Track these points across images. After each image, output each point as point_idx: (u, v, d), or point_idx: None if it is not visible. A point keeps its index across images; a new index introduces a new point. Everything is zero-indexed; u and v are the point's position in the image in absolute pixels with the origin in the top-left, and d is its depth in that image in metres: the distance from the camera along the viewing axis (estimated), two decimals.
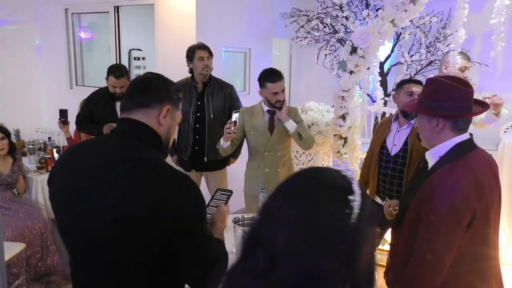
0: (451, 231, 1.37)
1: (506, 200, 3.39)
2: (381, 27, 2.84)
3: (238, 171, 4.34)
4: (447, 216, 1.35)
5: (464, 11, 2.86)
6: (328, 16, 4.50)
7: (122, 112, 1.30)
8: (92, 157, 1.22)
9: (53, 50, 4.77)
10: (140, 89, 1.30)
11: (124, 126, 1.28)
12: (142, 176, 1.15)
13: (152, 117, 1.26)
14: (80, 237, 1.19)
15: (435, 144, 1.52)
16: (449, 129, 1.48)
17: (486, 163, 1.50)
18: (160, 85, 1.30)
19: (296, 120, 2.84)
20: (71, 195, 1.19)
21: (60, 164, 1.29)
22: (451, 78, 1.53)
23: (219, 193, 1.61)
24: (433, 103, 1.48)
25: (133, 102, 1.27)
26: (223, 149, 2.77)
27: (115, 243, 1.14)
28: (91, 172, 1.18)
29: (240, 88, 4.60)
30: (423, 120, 1.53)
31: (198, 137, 3.18)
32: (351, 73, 3.08)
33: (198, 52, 3.11)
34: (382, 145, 2.55)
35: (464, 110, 1.47)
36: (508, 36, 3.42)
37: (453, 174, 1.41)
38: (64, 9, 4.60)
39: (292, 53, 5.42)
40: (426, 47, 4.33)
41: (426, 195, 1.43)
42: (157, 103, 1.27)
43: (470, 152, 1.47)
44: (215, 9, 3.96)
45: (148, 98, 1.27)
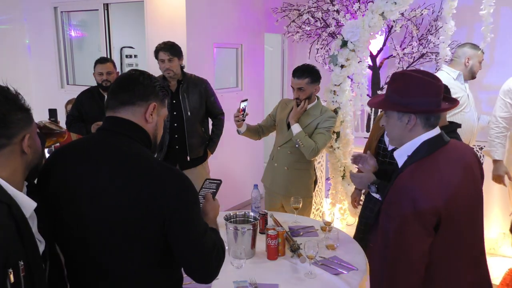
0: (417, 235, 1.31)
1: (498, 191, 3.41)
2: (371, 20, 2.83)
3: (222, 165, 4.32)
4: (412, 219, 1.30)
5: (453, 3, 2.86)
6: (319, 10, 4.49)
7: (107, 110, 1.28)
8: (82, 159, 1.22)
9: (43, 49, 4.73)
10: (124, 87, 1.27)
11: (109, 125, 1.26)
12: (134, 172, 1.15)
13: (139, 115, 1.25)
14: (78, 238, 1.19)
15: (405, 142, 1.44)
16: (421, 125, 1.40)
17: (456, 159, 1.41)
18: (145, 82, 1.28)
19: (320, 125, 2.65)
20: (66, 198, 1.19)
21: (48, 167, 1.27)
22: (420, 72, 1.44)
23: (208, 182, 1.60)
24: (404, 99, 1.39)
25: (118, 101, 1.25)
26: (242, 133, 2.81)
27: (115, 241, 1.16)
28: (84, 174, 1.18)
29: (232, 84, 4.58)
30: (393, 118, 1.44)
31: (178, 136, 3.14)
32: (342, 67, 3.08)
33: (160, 54, 3.01)
34: (380, 139, 2.54)
35: (436, 105, 1.39)
36: (499, 28, 3.43)
37: (416, 176, 1.34)
38: (53, 7, 4.56)
39: (284, 48, 5.40)
40: (418, 39, 4.32)
41: (392, 199, 1.37)
42: (142, 100, 1.26)
43: (439, 149, 1.39)
44: (206, 5, 3.94)
45: (133, 96, 1.25)
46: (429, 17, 4.31)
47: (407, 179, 1.35)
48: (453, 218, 1.34)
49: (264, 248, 2.06)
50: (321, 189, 3.60)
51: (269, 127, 2.92)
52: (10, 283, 0.93)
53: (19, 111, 1.08)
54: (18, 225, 0.99)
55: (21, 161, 1.09)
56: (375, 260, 1.57)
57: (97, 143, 1.25)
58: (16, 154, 1.08)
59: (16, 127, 1.06)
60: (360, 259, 2.02)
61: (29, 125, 1.11)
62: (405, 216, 1.30)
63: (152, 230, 1.15)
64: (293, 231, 2.30)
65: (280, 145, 2.77)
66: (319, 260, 1.98)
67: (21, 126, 1.07)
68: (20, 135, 1.07)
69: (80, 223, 1.17)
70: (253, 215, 2.20)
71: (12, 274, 0.94)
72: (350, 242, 2.23)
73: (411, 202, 1.29)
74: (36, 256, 1.04)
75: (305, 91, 2.61)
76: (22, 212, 1.02)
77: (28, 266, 0.99)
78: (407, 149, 1.43)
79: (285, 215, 2.59)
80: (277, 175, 2.80)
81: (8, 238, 0.95)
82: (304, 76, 2.59)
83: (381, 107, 1.52)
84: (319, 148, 2.62)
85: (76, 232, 1.19)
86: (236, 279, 1.80)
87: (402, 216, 1.31)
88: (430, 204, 1.29)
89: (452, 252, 1.38)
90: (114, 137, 1.24)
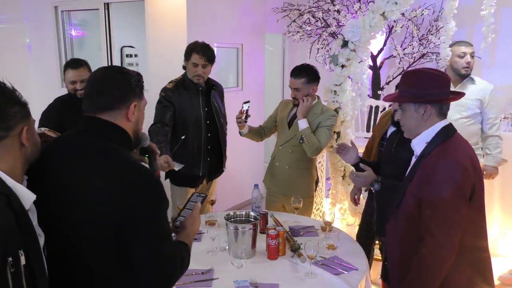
0: (458, 207, 1.42)
1: (499, 191, 3.41)
2: (371, 20, 2.83)
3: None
4: (453, 192, 1.41)
5: (454, 3, 2.86)
6: (320, 10, 4.48)
7: (85, 113, 1.25)
8: (62, 158, 1.22)
9: (43, 49, 4.73)
10: (100, 92, 1.23)
11: (88, 125, 1.24)
12: (108, 172, 1.16)
13: (120, 117, 1.24)
14: (59, 234, 1.19)
15: (420, 132, 1.58)
16: (436, 115, 1.55)
17: (468, 144, 1.57)
18: (121, 82, 1.24)
19: (321, 123, 2.65)
20: (48, 196, 1.19)
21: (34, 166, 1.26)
22: (429, 69, 1.63)
23: (195, 196, 1.59)
24: (418, 91, 1.55)
25: (95, 106, 1.23)
26: (244, 135, 2.81)
27: (89, 240, 1.16)
28: (62, 174, 1.19)
29: (233, 84, 4.58)
30: (410, 110, 1.58)
31: (210, 147, 2.89)
32: (343, 67, 3.08)
33: (194, 57, 2.71)
34: (383, 136, 2.55)
35: (447, 95, 1.55)
36: (500, 28, 3.43)
37: (450, 152, 1.48)
38: (54, 6, 4.56)
39: (285, 48, 5.39)
40: (418, 39, 4.32)
41: (425, 179, 1.47)
42: (121, 103, 1.23)
43: (454, 134, 1.56)
44: (206, 4, 3.94)
45: (111, 101, 1.22)
46: (430, 17, 4.31)
47: (439, 158, 1.47)
48: (479, 191, 1.47)
49: (264, 248, 2.06)
50: (322, 189, 3.60)
51: (271, 128, 2.92)
52: (10, 272, 0.94)
53: (16, 104, 1.09)
54: (17, 216, 1.00)
55: (20, 154, 1.11)
56: (395, 246, 1.64)
57: (76, 143, 1.24)
58: (15, 147, 1.09)
59: (13, 120, 1.08)
60: (360, 259, 2.02)
61: (27, 119, 1.13)
62: (443, 190, 1.41)
63: (116, 228, 1.13)
64: (293, 231, 2.30)
65: (282, 144, 2.77)
66: (320, 260, 1.98)
67: (19, 119, 1.09)
68: (18, 128, 1.09)
69: (58, 220, 1.18)
70: (253, 215, 2.20)
71: (12, 263, 0.94)
72: (350, 242, 2.23)
73: (450, 176, 1.41)
74: (36, 247, 1.05)
75: (301, 91, 2.62)
76: (21, 204, 1.04)
77: (28, 257, 1.00)
78: (425, 137, 1.57)
79: (285, 215, 2.59)
80: (278, 175, 2.80)
81: (7, 227, 0.97)
82: (301, 76, 2.59)
83: (399, 101, 1.65)
84: (322, 147, 2.63)
85: (56, 227, 1.19)
86: (237, 278, 1.80)
87: (441, 192, 1.41)
88: (467, 174, 1.42)
89: (474, 231, 1.49)
90: (92, 137, 1.22)
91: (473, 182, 1.44)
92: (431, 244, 1.43)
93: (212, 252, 2.08)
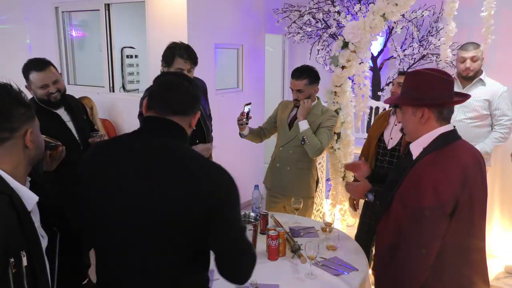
0: (437, 220, 1.37)
1: (498, 193, 3.41)
2: (372, 22, 2.83)
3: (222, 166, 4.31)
4: (434, 205, 1.36)
5: (454, 5, 2.86)
6: (320, 11, 4.49)
7: (151, 110, 1.25)
8: (124, 154, 1.22)
9: (44, 49, 4.73)
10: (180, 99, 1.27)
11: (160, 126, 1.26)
12: (182, 171, 1.16)
13: (185, 123, 1.29)
14: (120, 234, 1.19)
15: (419, 136, 1.53)
16: (435, 119, 1.49)
17: (470, 152, 1.51)
18: (193, 93, 1.30)
19: (322, 124, 2.66)
20: (109, 193, 1.19)
21: (88, 164, 1.27)
22: (433, 70, 1.55)
23: None
24: (417, 94, 1.49)
25: (170, 109, 1.25)
26: (244, 137, 2.78)
27: (158, 236, 1.15)
28: (131, 170, 1.18)
29: (233, 85, 4.59)
30: (408, 113, 1.54)
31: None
32: (343, 68, 3.08)
33: (177, 61, 2.45)
34: (379, 138, 2.55)
35: (447, 98, 1.49)
36: (499, 29, 3.43)
37: (438, 163, 1.43)
38: (55, 7, 4.56)
39: (285, 49, 5.40)
40: (418, 41, 4.32)
41: (411, 185, 1.44)
42: (193, 111, 1.31)
43: (454, 142, 1.49)
44: (207, 5, 3.94)
45: (186, 107, 1.29)
46: (430, 18, 4.31)
47: (428, 166, 1.42)
48: (468, 205, 1.41)
49: (264, 249, 2.06)
50: (322, 190, 3.60)
51: (271, 129, 2.92)
52: (12, 273, 0.94)
53: (21, 106, 1.10)
54: (19, 216, 1.01)
55: (24, 156, 1.11)
56: (382, 248, 1.62)
57: (144, 141, 1.24)
58: (19, 148, 1.10)
59: (18, 121, 1.08)
60: (361, 260, 2.02)
61: (32, 121, 1.14)
62: (425, 200, 1.36)
63: (193, 228, 1.15)
64: (293, 232, 2.30)
65: (282, 145, 2.78)
66: (320, 260, 1.98)
67: (23, 121, 1.10)
68: (23, 129, 1.10)
69: (123, 216, 1.17)
70: (253, 216, 2.20)
71: (14, 264, 0.95)
72: (350, 243, 2.23)
73: (433, 188, 1.36)
74: (38, 248, 1.05)
75: (303, 92, 2.62)
76: (24, 205, 1.04)
77: (30, 258, 1.00)
78: (423, 141, 1.51)
79: (285, 215, 2.59)
80: (279, 176, 2.80)
81: (9, 226, 0.97)
82: (303, 77, 2.60)
83: (396, 102, 1.63)
84: (323, 147, 2.64)
85: (116, 224, 1.18)
86: None
87: (422, 200, 1.37)
88: (450, 188, 1.36)
89: (464, 242, 1.44)
90: (162, 137, 1.23)
91: (457, 196, 1.37)
92: (407, 253, 1.41)
93: (212, 252, 2.08)
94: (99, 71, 4.45)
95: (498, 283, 3.08)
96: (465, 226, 1.43)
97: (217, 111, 3.24)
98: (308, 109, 2.64)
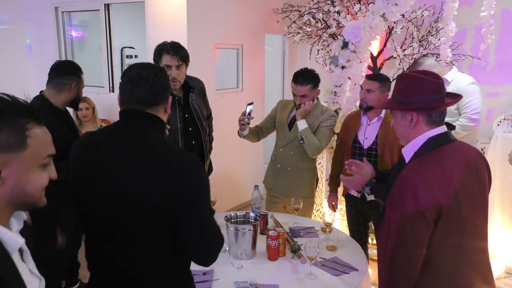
0: (418, 227, 1.34)
1: (499, 193, 3.41)
2: (371, 22, 2.84)
3: (222, 166, 4.32)
4: (411, 210, 1.33)
5: (454, 4, 2.86)
6: (320, 11, 4.48)
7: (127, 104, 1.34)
8: (110, 142, 1.33)
9: (44, 50, 4.73)
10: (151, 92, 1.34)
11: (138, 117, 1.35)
12: (157, 159, 1.26)
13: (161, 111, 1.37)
14: (105, 213, 1.28)
15: (410, 140, 1.50)
16: (424, 123, 1.46)
17: (460, 156, 1.46)
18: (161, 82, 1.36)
19: (321, 124, 2.66)
20: (96, 175, 1.29)
21: (79, 149, 1.36)
22: (421, 72, 1.52)
23: None
24: (405, 98, 1.47)
25: (142, 103, 1.32)
26: (244, 137, 2.77)
27: (136, 218, 1.24)
28: (112, 154, 1.28)
29: (233, 85, 4.59)
30: (397, 117, 1.52)
31: (197, 155, 2.65)
32: (343, 68, 3.08)
33: (165, 58, 2.40)
34: (354, 139, 2.56)
35: (436, 101, 1.46)
36: (499, 29, 3.43)
37: (419, 169, 1.40)
38: (54, 7, 4.56)
39: (285, 49, 5.40)
40: (418, 41, 4.32)
41: (396, 191, 1.42)
42: (163, 99, 1.38)
43: (444, 145, 1.45)
44: (207, 5, 3.94)
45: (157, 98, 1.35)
46: (430, 18, 4.31)
47: (409, 171, 1.40)
48: (455, 212, 1.37)
49: (264, 249, 2.06)
50: (322, 190, 3.60)
51: (269, 128, 2.92)
52: None
53: (6, 125, 0.84)
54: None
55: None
56: (380, 254, 1.61)
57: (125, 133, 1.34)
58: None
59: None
60: (361, 260, 2.02)
61: (14, 151, 0.85)
62: (406, 206, 1.34)
63: (165, 209, 1.23)
64: (293, 232, 2.30)
65: (282, 146, 2.78)
66: (320, 261, 1.98)
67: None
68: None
69: (107, 200, 1.26)
70: (253, 216, 2.20)
71: None
72: (350, 243, 2.23)
73: (412, 193, 1.34)
74: None
75: (308, 97, 2.63)
76: (4, 250, 0.84)
77: None
78: (413, 146, 1.49)
79: (285, 215, 2.60)
80: (280, 176, 2.80)
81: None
82: (307, 82, 2.60)
83: (384, 107, 1.60)
84: (322, 147, 2.65)
85: (102, 209, 1.28)
86: (237, 279, 1.80)
87: (403, 207, 1.35)
88: (430, 195, 1.33)
89: (454, 246, 1.41)
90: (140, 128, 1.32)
91: (439, 203, 1.32)
92: (392, 259, 1.41)
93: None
94: (99, 71, 4.45)
95: (498, 283, 3.08)
96: (453, 233, 1.39)
97: (217, 111, 3.24)
98: (309, 111, 2.65)
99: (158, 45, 2.51)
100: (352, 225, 2.75)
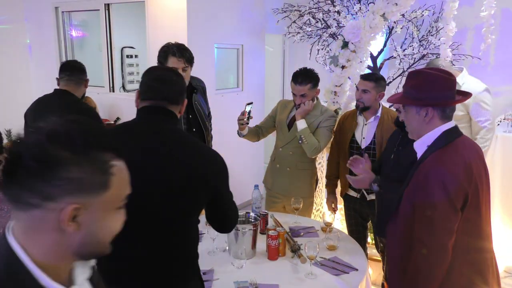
0: (448, 216, 1.41)
1: (498, 192, 3.41)
2: (372, 21, 2.84)
3: None
4: (443, 201, 1.39)
5: (455, 4, 2.86)
6: (320, 11, 4.48)
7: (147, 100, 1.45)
8: (137, 134, 1.42)
9: (44, 49, 4.73)
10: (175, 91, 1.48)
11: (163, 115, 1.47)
12: (192, 149, 1.42)
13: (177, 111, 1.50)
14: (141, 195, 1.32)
15: (423, 134, 1.56)
16: (438, 117, 1.53)
17: (473, 148, 1.55)
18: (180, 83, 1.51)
19: (321, 124, 2.66)
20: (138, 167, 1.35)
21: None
22: (435, 69, 1.59)
23: None
24: (421, 94, 1.53)
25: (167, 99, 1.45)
26: (243, 136, 2.78)
27: (165, 208, 1.36)
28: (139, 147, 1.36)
29: (233, 84, 4.59)
30: (411, 112, 1.57)
31: None
32: (343, 68, 3.08)
33: (171, 60, 2.39)
34: (351, 139, 2.57)
35: (450, 98, 1.53)
36: (500, 29, 3.43)
37: (443, 160, 1.46)
38: (54, 7, 4.56)
39: (285, 49, 5.40)
40: (418, 40, 4.32)
41: (419, 184, 1.47)
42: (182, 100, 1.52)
43: (457, 138, 1.53)
44: (207, 5, 3.94)
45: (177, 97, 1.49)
46: (430, 18, 4.31)
47: (434, 164, 1.46)
48: (476, 199, 1.45)
49: (264, 249, 2.07)
50: (321, 190, 3.60)
51: (268, 128, 2.92)
52: None
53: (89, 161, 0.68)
54: None
55: (60, 241, 0.70)
56: (392, 249, 1.65)
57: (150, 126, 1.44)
58: (50, 228, 0.69)
59: (59, 188, 0.67)
60: (360, 260, 2.02)
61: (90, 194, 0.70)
62: (435, 196, 1.40)
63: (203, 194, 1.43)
64: (293, 232, 2.30)
65: (282, 146, 2.77)
66: (320, 260, 1.98)
67: (68, 190, 0.67)
68: (62, 202, 0.67)
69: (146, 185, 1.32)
70: (253, 216, 2.20)
71: None
72: (350, 243, 2.23)
73: (441, 185, 1.40)
74: None
75: (307, 97, 2.63)
76: None
77: None
78: (426, 139, 1.55)
79: (285, 215, 2.60)
80: (279, 176, 2.80)
81: None
82: (306, 82, 2.59)
83: (401, 102, 1.65)
84: (321, 147, 2.64)
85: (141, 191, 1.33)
86: (237, 279, 1.80)
87: (432, 197, 1.41)
88: (458, 184, 1.40)
89: (473, 232, 1.48)
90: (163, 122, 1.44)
91: (466, 191, 1.42)
92: (423, 251, 1.44)
93: (213, 253, 2.08)
94: (99, 71, 4.45)
95: None
96: (473, 226, 1.47)
97: (217, 111, 3.24)
98: (309, 111, 2.65)
99: (162, 46, 2.47)
100: (351, 225, 2.75)
